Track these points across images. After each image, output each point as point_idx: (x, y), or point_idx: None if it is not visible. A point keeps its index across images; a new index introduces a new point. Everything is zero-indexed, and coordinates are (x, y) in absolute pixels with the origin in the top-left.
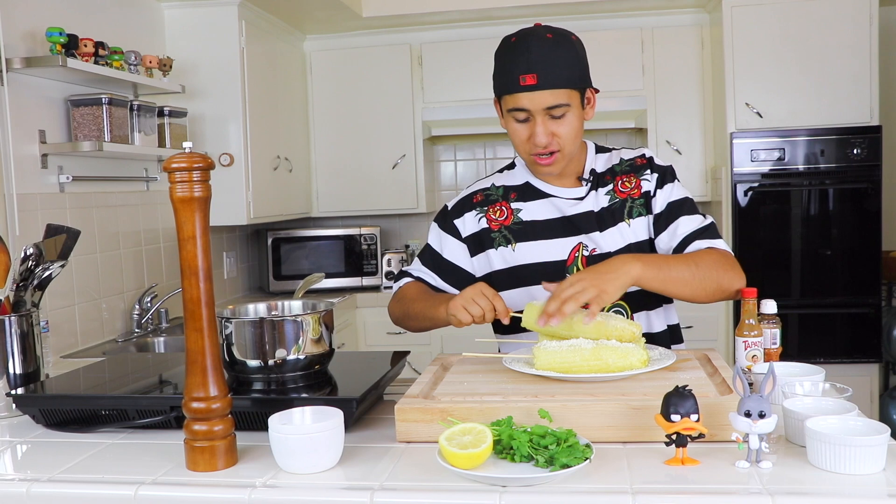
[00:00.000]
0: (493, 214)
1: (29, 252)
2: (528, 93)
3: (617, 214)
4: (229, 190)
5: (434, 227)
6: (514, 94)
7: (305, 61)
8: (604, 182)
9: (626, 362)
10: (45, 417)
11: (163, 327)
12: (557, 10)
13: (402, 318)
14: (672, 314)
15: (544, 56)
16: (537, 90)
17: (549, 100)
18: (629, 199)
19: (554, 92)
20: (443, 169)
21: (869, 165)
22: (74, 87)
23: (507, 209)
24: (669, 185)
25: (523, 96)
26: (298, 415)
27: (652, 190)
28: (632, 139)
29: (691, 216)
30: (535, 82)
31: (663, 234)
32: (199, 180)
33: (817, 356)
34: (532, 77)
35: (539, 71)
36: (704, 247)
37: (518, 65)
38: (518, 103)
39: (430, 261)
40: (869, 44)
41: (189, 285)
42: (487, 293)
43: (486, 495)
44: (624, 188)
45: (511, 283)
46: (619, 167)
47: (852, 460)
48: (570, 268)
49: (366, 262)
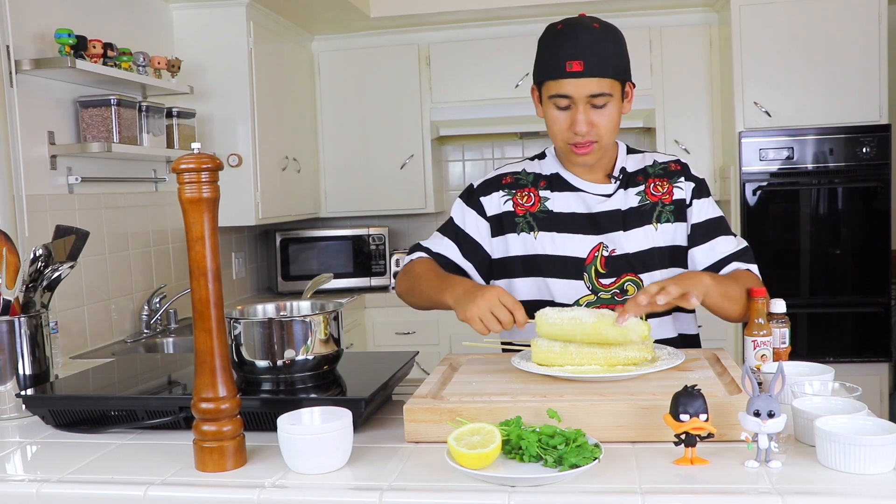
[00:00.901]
0: (520, 199)
1: (38, 253)
2: (573, 79)
3: (645, 216)
4: (238, 191)
5: (458, 203)
6: (558, 80)
7: (313, 62)
8: (635, 182)
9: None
10: (55, 418)
11: (172, 328)
12: (565, 9)
13: (407, 293)
14: (686, 323)
15: (591, 44)
16: (583, 77)
17: (594, 87)
18: (660, 204)
19: (599, 80)
20: (451, 169)
21: (878, 164)
22: (83, 89)
23: (535, 196)
24: (706, 200)
25: (568, 82)
26: (307, 415)
27: (687, 199)
28: (640, 139)
29: (727, 237)
30: (581, 69)
31: (700, 247)
32: (207, 181)
33: (826, 355)
34: (579, 63)
35: (586, 58)
36: (744, 269)
37: (565, 51)
38: (562, 89)
39: (452, 233)
40: (878, 42)
41: (198, 286)
42: (507, 303)
43: (495, 495)
44: (656, 191)
45: (526, 272)
46: (653, 169)
47: (862, 460)
48: (589, 267)
49: (374, 262)
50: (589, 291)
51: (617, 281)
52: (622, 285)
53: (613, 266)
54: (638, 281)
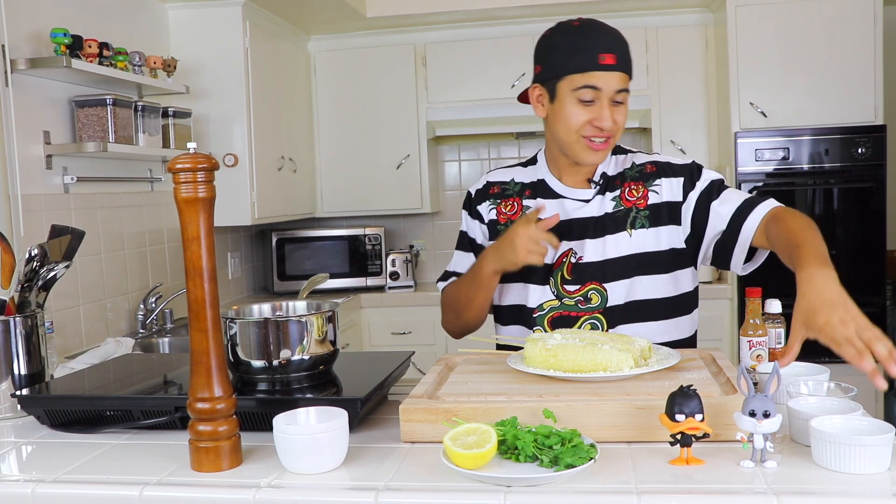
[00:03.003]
0: (504, 208)
1: (34, 253)
2: (605, 72)
3: (620, 223)
4: (234, 190)
5: (464, 214)
6: (589, 73)
7: (310, 61)
8: (613, 186)
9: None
10: (50, 418)
11: (167, 328)
12: (562, 9)
13: (454, 319)
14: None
15: (618, 40)
16: (615, 70)
17: (621, 83)
18: (634, 209)
19: (624, 76)
20: (447, 169)
21: (874, 165)
22: (79, 88)
23: (518, 205)
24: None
25: (600, 75)
26: (303, 415)
27: (680, 197)
28: (636, 139)
29: (733, 191)
30: (614, 62)
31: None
32: (203, 181)
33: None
34: (612, 57)
35: (617, 52)
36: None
37: (598, 43)
38: (592, 81)
39: (468, 245)
40: (874, 43)
41: (193, 286)
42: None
43: (491, 495)
44: (631, 196)
45: (504, 277)
46: (630, 172)
47: (857, 460)
48: (556, 272)
49: (370, 262)
50: (553, 297)
51: (581, 288)
52: (586, 293)
53: (579, 273)
54: (601, 290)
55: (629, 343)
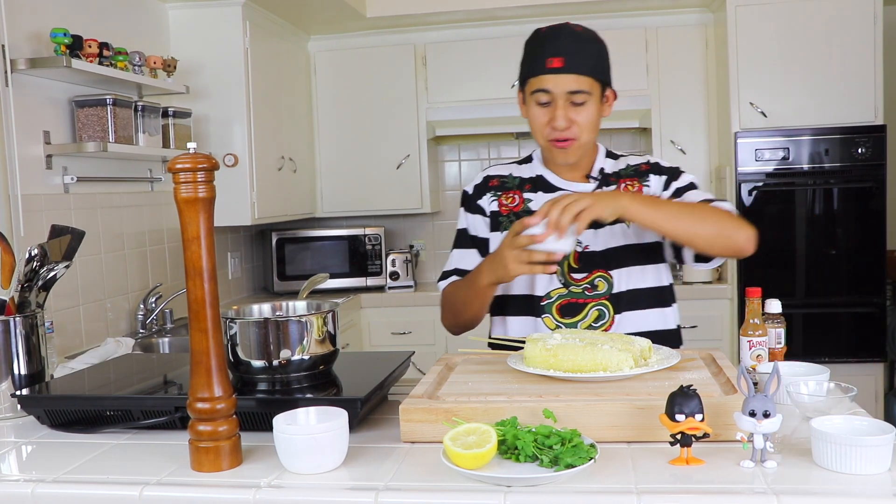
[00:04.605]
0: (505, 200)
1: (34, 253)
2: (553, 75)
3: None
4: (234, 190)
5: (461, 212)
6: (539, 77)
7: (309, 61)
8: (609, 183)
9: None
10: (50, 418)
11: (167, 328)
12: (561, 9)
13: (453, 319)
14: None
15: (571, 44)
16: (562, 73)
17: (573, 84)
18: None
19: (578, 77)
20: (447, 169)
21: (874, 165)
22: (79, 88)
23: (519, 197)
24: (675, 182)
25: (548, 78)
26: (303, 415)
27: (658, 191)
28: (636, 139)
29: (699, 192)
30: (561, 65)
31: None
32: (203, 181)
33: (822, 356)
34: (559, 60)
35: (566, 56)
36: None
37: (546, 49)
38: (542, 84)
39: (468, 241)
40: (874, 43)
41: (193, 286)
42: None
43: (491, 495)
44: (626, 191)
45: None
46: (625, 171)
47: (857, 460)
48: (562, 261)
49: (370, 262)
50: (561, 285)
51: (588, 276)
52: (593, 280)
53: (585, 262)
54: (608, 277)
55: (629, 343)
